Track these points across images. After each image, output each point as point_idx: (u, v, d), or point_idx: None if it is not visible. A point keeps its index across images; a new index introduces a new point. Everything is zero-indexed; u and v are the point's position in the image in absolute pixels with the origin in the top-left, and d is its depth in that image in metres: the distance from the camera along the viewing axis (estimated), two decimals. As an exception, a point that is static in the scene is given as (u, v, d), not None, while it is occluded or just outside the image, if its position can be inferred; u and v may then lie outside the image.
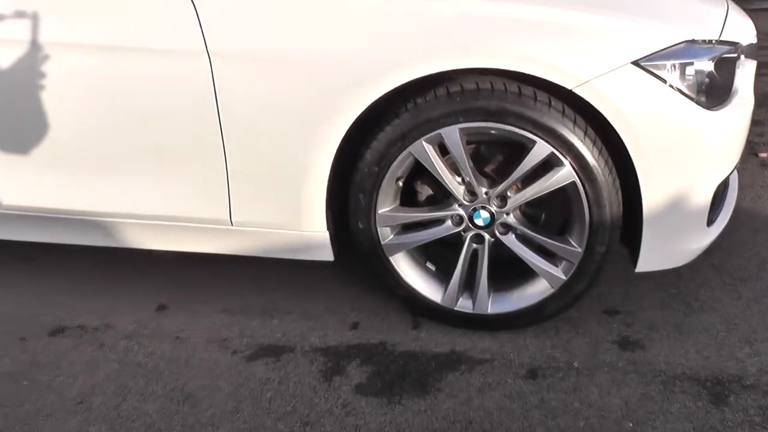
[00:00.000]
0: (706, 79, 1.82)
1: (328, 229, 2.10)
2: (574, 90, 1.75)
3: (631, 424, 1.80)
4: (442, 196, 2.09)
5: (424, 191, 2.11)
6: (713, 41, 1.85)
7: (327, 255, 2.16)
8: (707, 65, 1.82)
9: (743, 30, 2.02)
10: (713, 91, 1.84)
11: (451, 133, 1.86)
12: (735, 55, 1.93)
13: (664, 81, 1.77)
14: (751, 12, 2.36)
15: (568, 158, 1.83)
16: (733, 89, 1.93)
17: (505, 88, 1.81)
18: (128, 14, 1.94)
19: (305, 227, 2.10)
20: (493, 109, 1.81)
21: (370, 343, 2.16)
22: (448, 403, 1.90)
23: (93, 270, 2.65)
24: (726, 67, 1.90)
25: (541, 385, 1.95)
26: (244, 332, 2.25)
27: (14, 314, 2.40)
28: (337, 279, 2.49)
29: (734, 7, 2.15)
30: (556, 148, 1.82)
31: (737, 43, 1.94)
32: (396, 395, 1.94)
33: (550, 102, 1.81)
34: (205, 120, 1.99)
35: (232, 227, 2.17)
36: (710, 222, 2.01)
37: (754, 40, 2.06)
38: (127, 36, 1.94)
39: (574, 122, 1.82)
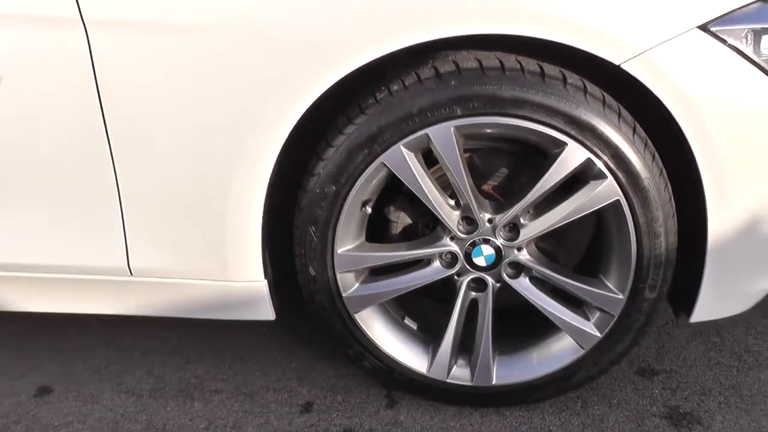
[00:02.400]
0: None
1: (266, 277, 1.49)
2: (622, 66, 1.21)
3: None
4: (425, 227, 1.52)
5: (400, 220, 1.53)
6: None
7: (265, 312, 1.55)
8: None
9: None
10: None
11: (443, 134, 1.29)
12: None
13: (742, 54, 1.25)
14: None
15: (613, 167, 1.29)
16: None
17: (521, 66, 1.26)
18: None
19: (234, 275, 1.49)
20: (506, 98, 1.25)
21: (330, 434, 1.55)
22: None
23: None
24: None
25: (579, 492, 1.38)
26: (153, 423, 1.61)
27: None
28: (277, 342, 1.87)
29: None
30: (595, 153, 1.28)
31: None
32: None
33: (585, 87, 1.27)
34: (82, 124, 1.37)
35: (131, 278, 1.53)
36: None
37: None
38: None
39: (619, 115, 1.28)
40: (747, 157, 1.28)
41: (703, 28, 1.23)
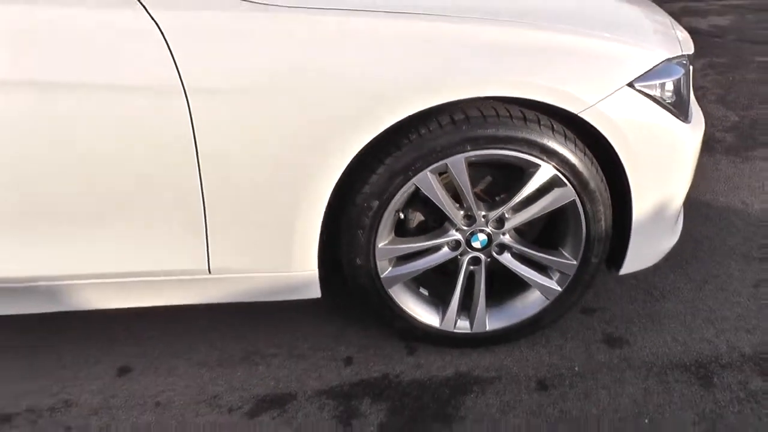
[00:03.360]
0: (679, 95, 1.95)
1: (319, 266, 2.00)
2: (580, 114, 1.79)
3: (646, 421, 1.92)
4: (434, 222, 2.06)
5: (416, 218, 2.07)
6: (685, 56, 1.98)
7: (314, 292, 2.05)
8: (680, 81, 1.94)
9: (687, 41, 2.18)
10: (682, 105, 1.98)
11: (458, 164, 1.84)
12: (689, 67, 2.08)
13: (654, 100, 1.86)
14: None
15: (570, 178, 1.88)
16: (690, 100, 2.09)
17: (509, 113, 1.82)
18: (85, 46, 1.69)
19: (297, 268, 1.98)
20: (501, 137, 1.81)
21: (373, 378, 2.10)
22: (477, 430, 1.90)
23: (15, 340, 2.23)
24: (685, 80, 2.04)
25: (555, 396, 2.01)
26: (233, 385, 2.08)
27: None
28: (310, 312, 2.35)
29: (671, 18, 2.31)
30: (559, 170, 1.86)
31: (690, 55, 2.09)
32: (424, 431, 1.91)
33: (552, 126, 1.84)
34: (180, 164, 1.79)
35: (209, 276, 1.99)
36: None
37: (693, 50, 2.22)
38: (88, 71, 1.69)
39: (575, 144, 1.87)
40: (656, 165, 1.91)
41: (630, 84, 1.83)
